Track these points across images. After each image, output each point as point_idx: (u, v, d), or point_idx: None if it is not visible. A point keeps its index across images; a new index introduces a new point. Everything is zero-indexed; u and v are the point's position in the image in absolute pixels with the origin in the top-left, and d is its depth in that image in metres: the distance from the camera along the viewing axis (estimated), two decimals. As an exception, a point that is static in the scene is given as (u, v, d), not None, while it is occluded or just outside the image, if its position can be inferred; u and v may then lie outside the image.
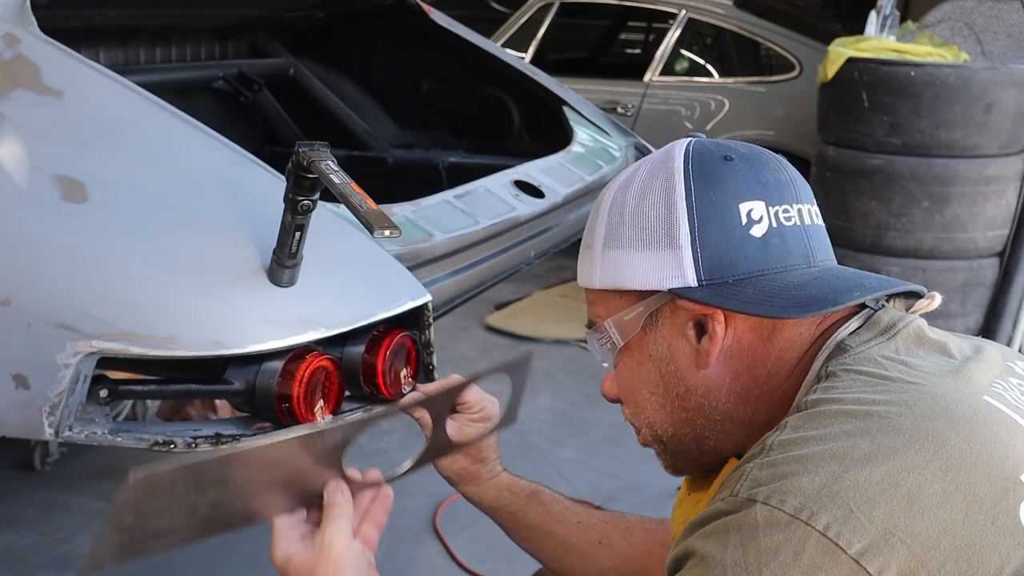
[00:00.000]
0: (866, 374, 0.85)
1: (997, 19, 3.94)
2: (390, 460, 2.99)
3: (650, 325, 0.95)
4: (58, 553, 2.47)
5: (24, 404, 1.23)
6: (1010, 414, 0.82)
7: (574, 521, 1.24)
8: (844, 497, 0.73)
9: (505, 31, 5.56)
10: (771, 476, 0.76)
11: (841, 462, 0.75)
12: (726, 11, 5.20)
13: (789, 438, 0.80)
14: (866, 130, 3.53)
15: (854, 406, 0.80)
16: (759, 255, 0.91)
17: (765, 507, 0.74)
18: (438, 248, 1.72)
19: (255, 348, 1.19)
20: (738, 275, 0.90)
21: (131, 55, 2.63)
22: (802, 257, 0.92)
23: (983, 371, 0.88)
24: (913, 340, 0.91)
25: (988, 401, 0.83)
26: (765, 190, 0.92)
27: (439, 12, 2.91)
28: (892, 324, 0.91)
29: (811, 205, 0.96)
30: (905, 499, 0.73)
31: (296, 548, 1.04)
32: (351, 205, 1.06)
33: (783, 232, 0.92)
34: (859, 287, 0.91)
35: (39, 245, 1.26)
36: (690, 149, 0.95)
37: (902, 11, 4.84)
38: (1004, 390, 0.87)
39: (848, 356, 0.88)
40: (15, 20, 1.50)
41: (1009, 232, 3.59)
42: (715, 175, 0.93)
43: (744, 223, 0.91)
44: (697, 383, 0.94)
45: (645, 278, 0.93)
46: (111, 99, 1.44)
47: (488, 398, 1.25)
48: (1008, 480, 0.76)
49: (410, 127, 3.07)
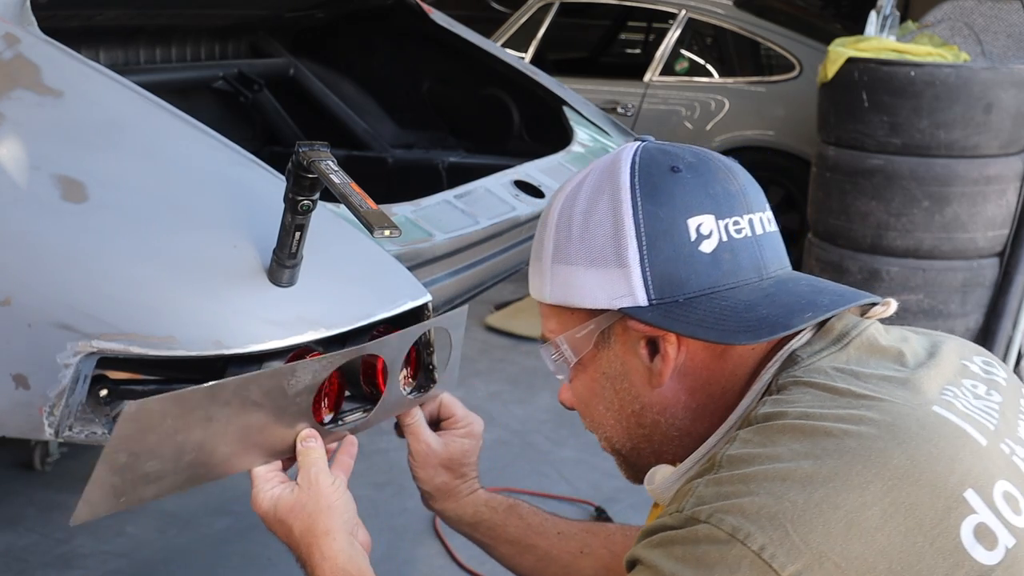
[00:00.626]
0: (815, 386, 0.85)
1: (997, 19, 3.94)
2: (390, 460, 2.99)
3: (602, 342, 0.94)
4: (58, 553, 2.47)
5: (24, 404, 1.23)
6: (959, 424, 0.82)
7: (554, 532, 1.25)
8: (781, 519, 0.74)
9: (505, 31, 5.56)
10: (715, 495, 0.78)
11: (783, 483, 0.76)
12: (726, 11, 5.20)
13: (737, 454, 0.80)
14: (866, 130, 3.53)
15: (801, 421, 0.80)
16: (709, 271, 0.89)
17: (706, 525, 0.76)
18: (438, 248, 1.72)
19: (255, 348, 1.19)
20: (688, 293, 0.89)
21: (131, 55, 2.63)
22: (754, 270, 0.91)
23: (935, 377, 0.88)
24: (865, 349, 0.90)
25: (937, 412, 0.82)
26: (714, 203, 0.90)
27: (439, 12, 2.91)
28: (845, 333, 0.91)
29: (762, 212, 0.94)
30: (843, 522, 0.74)
31: (279, 490, 1.09)
32: (351, 205, 1.06)
33: (734, 246, 0.90)
34: (811, 305, 0.89)
35: (39, 245, 1.26)
36: (636, 159, 0.93)
37: (902, 11, 4.84)
38: (955, 396, 0.86)
39: (799, 368, 0.88)
40: (15, 20, 1.50)
41: (1009, 232, 3.59)
42: (662, 189, 0.90)
43: (693, 239, 0.89)
44: (652, 400, 0.94)
45: (595, 296, 0.92)
46: (111, 99, 1.44)
47: (473, 416, 1.28)
48: (951, 498, 0.76)
49: (410, 127, 3.07)
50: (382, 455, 3.05)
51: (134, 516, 2.61)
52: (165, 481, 1.04)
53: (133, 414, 0.97)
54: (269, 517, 1.08)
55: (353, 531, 1.07)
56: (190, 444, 1.03)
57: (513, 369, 3.56)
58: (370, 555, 1.09)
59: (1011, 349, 3.59)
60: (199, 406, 1.04)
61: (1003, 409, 0.89)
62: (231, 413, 1.06)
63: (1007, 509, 0.78)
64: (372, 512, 2.75)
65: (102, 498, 1.00)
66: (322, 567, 1.03)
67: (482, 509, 1.26)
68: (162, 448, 1.02)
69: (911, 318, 3.55)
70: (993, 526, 0.76)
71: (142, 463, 1.00)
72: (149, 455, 1.00)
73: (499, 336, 4.18)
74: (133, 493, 1.02)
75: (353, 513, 1.09)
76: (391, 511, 2.76)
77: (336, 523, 1.05)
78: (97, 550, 2.49)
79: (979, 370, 0.95)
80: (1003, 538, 0.76)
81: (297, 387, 1.10)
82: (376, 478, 2.93)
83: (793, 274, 0.95)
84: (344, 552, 1.04)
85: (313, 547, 1.04)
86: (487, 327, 4.26)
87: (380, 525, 2.68)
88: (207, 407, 1.05)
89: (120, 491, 1.00)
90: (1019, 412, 0.92)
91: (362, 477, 2.95)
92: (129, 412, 0.98)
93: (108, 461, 0.98)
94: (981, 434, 0.82)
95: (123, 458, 0.99)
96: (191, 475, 1.06)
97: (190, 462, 1.05)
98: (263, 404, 1.08)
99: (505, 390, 3.50)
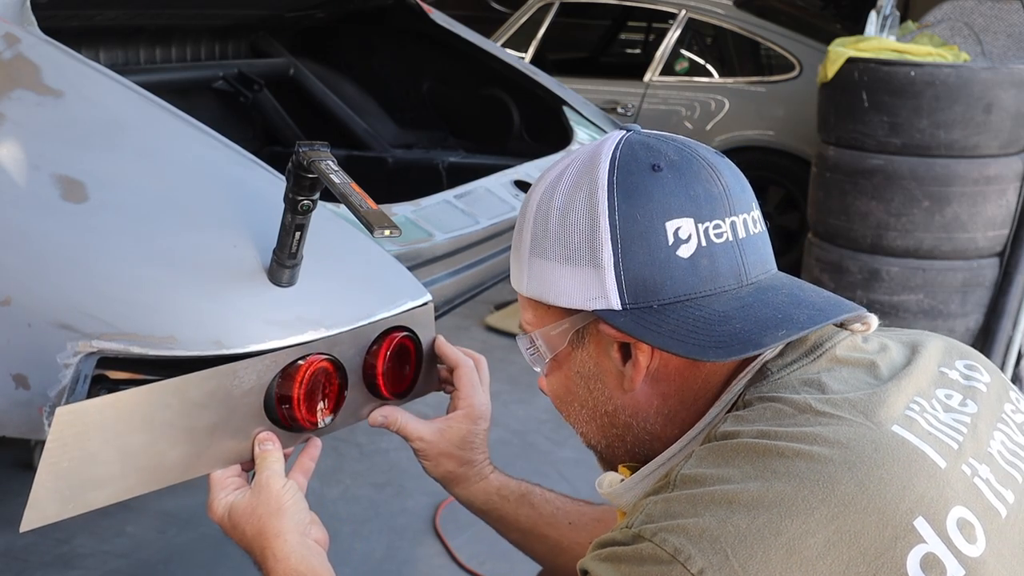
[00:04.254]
0: (779, 401, 0.83)
1: (997, 19, 3.94)
2: (390, 460, 2.99)
3: (577, 341, 0.93)
4: (58, 553, 2.47)
5: (24, 404, 1.23)
6: (917, 446, 0.79)
7: (565, 523, 1.24)
8: (723, 543, 0.73)
9: (505, 31, 5.56)
10: (662, 514, 0.78)
11: (728, 507, 0.75)
12: (726, 11, 5.21)
13: (690, 474, 0.80)
14: (866, 130, 3.53)
15: (756, 440, 0.79)
16: (686, 277, 0.86)
17: (650, 544, 0.76)
18: (438, 248, 1.72)
19: (255, 348, 1.19)
20: (663, 299, 0.86)
21: (131, 55, 2.63)
22: (733, 277, 0.87)
23: (905, 388, 0.86)
24: (837, 360, 0.88)
25: (896, 433, 0.80)
26: (694, 205, 0.86)
27: (439, 12, 2.91)
28: (819, 344, 0.89)
29: (747, 214, 0.89)
30: (784, 549, 0.73)
31: (232, 497, 1.10)
32: (351, 205, 1.06)
33: (713, 251, 0.86)
34: (787, 321, 0.86)
35: (39, 245, 1.26)
36: (617, 155, 0.89)
37: (902, 11, 4.84)
38: (921, 411, 0.84)
39: (766, 384, 0.86)
40: (15, 20, 1.50)
41: (1009, 232, 3.59)
42: (641, 189, 0.87)
43: (671, 243, 0.85)
44: (625, 403, 0.92)
45: (570, 295, 0.90)
46: (111, 99, 1.44)
47: (476, 395, 1.26)
48: (899, 527, 0.74)
49: (410, 127, 3.07)
50: (382, 455, 3.05)
51: (134, 516, 2.61)
52: (115, 485, 1.02)
53: (67, 418, 0.96)
54: (224, 524, 1.10)
55: (305, 531, 1.08)
56: (136, 447, 1.02)
57: (513, 369, 3.56)
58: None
59: (1011, 349, 3.59)
60: (137, 408, 1.03)
61: (975, 422, 0.86)
62: (174, 415, 1.05)
63: (960, 538, 0.75)
64: (372, 512, 2.75)
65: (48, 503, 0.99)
66: (276, 569, 1.04)
67: (493, 498, 1.25)
68: (106, 452, 1.01)
69: (911, 318, 3.55)
70: (943, 556, 0.74)
71: (86, 467, 0.98)
72: (92, 459, 0.99)
73: (499, 336, 4.18)
74: (81, 498, 1.00)
75: (304, 513, 1.09)
76: (391, 511, 2.76)
77: (286, 525, 1.06)
78: (97, 550, 2.49)
79: (958, 376, 0.92)
80: (952, 569, 0.73)
81: (242, 388, 1.10)
82: (376, 478, 2.93)
83: (775, 280, 0.91)
84: (296, 553, 1.05)
85: (266, 550, 1.05)
86: (487, 327, 4.26)
87: (380, 525, 2.68)
88: (146, 409, 1.04)
89: (67, 496, 0.99)
90: (997, 422, 0.89)
91: (362, 477, 2.95)
92: (61, 416, 0.96)
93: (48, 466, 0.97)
94: (941, 456, 0.80)
95: (64, 463, 0.97)
96: (144, 479, 1.05)
97: (140, 466, 1.04)
98: (207, 405, 1.08)
99: (505, 390, 3.49)
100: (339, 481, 2.90)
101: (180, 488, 1.21)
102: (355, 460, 3.02)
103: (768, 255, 0.92)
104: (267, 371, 1.12)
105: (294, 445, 1.17)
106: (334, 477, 2.91)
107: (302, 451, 1.19)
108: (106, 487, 1.01)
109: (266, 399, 1.16)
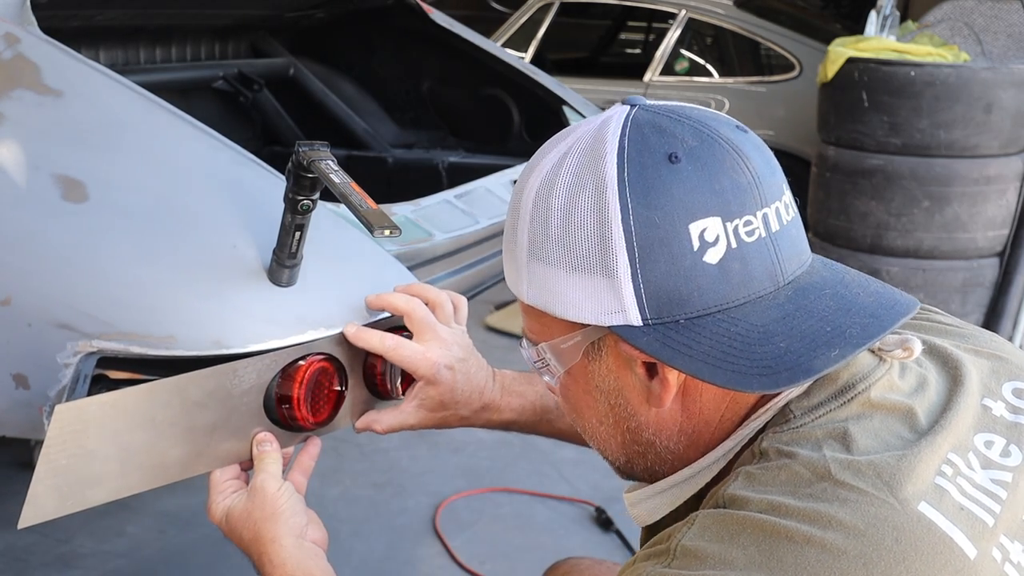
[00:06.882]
0: (796, 460, 0.74)
1: (997, 19, 3.94)
2: (390, 459, 2.99)
3: (593, 354, 0.82)
4: (58, 553, 2.47)
5: (24, 404, 1.23)
6: (946, 532, 0.69)
7: None
8: None
9: (505, 31, 5.56)
10: None
11: None
12: (726, 11, 5.21)
13: (691, 547, 0.72)
14: (866, 130, 3.54)
15: (764, 516, 0.71)
16: (716, 286, 0.74)
17: None
18: (438, 248, 1.72)
19: (255, 348, 1.19)
20: (691, 313, 0.75)
21: (131, 55, 2.63)
22: (768, 278, 0.76)
23: (939, 448, 0.75)
24: (871, 405, 0.77)
25: (922, 515, 0.70)
26: (721, 201, 0.74)
27: (439, 12, 2.91)
28: (851, 385, 0.78)
29: (778, 201, 0.78)
30: None
31: (230, 500, 1.10)
32: (351, 205, 1.06)
33: (744, 252, 0.75)
34: (839, 336, 0.74)
35: (39, 245, 1.26)
36: (625, 143, 0.76)
37: (902, 11, 4.84)
38: (954, 476, 0.74)
39: (786, 432, 0.77)
40: (15, 20, 1.50)
41: (1009, 232, 3.59)
42: (658, 187, 0.74)
43: (696, 248, 0.74)
44: (649, 420, 0.83)
45: (580, 309, 0.78)
46: (111, 99, 1.44)
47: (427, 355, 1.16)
48: None
49: (410, 127, 3.07)
50: (382, 455, 3.05)
51: (134, 516, 2.61)
52: (114, 483, 1.02)
53: (66, 415, 0.96)
54: (223, 527, 1.09)
55: (302, 533, 1.07)
56: (136, 446, 1.02)
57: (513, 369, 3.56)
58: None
59: (1011, 349, 3.59)
60: (137, 407, 1.03)
61: (1017, 480, 0.76)
62: (174, 414, 1.05)
63: None
64: (372, 512, 2.75)
65: (47, 500, 0.99)
66: (273, 574, 1.04)
67: (508, 419, 1.27)
68: (105, 450, 1.01)
69: (911, 318, 3.55)
70: None
71: (85, 465, 0.98)
72: (91, 457, 0.99)
73: (499, 336, 4.18)
74: (79, 495, 1.00)
75: (301, 515, 1.07)
76: (391, 511, 2.76)
77: (281, 529, 1.05)
78: (97, 550, 2.49)
79: (1003, 411, 0.82)
80: None
81: (242, 387, 1.10)
82: (376, 478, 2.93)
83: (814, 275, 0.80)
84: (293, 558, 1.04)
85: (263, 555, 1.05)
86: (487, 327, 4.26)
87: (380, 525, 2.68)
88: (146, 407, 1.04)
89: (65, 494, 0.99)
90: None
91: (362, 477, 2.95)
92: (61, 413, 0.96)
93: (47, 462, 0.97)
94: (971, 539, 0.70)
95: (63, 460, 0.97)
96: (143, 477, 1.05)
97: (139, 464, 1.04)
98: (207, 404, 1.08)
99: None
100: (339, 481, 2.89)
101: (180, 488, 1.21)
102: (355, 460, 3.02)
103: (803, 242, 0.81)
104: (267, 371, 1.12)
105: (294, 444, 1.16)
106: (334, 477, 2.90)
107: (302, 450, 1.19)
108: (104, 485, 1.01)
109: (266, 399, 1.16)
